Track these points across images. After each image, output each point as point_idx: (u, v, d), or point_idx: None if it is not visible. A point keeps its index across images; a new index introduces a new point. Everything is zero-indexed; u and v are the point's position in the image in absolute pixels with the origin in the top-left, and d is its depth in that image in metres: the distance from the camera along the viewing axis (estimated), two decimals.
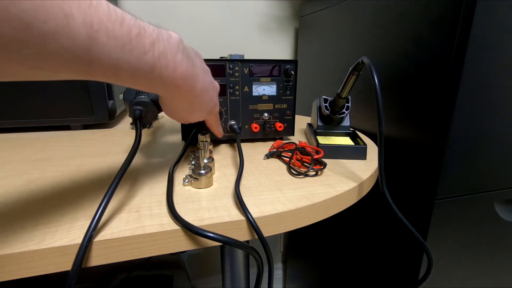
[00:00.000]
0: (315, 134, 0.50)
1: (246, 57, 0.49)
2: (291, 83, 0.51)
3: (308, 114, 0.85)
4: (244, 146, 0.50)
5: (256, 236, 0.28)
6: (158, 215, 0.28)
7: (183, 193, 0.33)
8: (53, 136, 0.56)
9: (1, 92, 0.55)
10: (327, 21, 0.76)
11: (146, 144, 0.52)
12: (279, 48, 1.00)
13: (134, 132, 0.59)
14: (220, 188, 0.34)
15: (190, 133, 0.48)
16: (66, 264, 0.23)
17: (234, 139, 0.52)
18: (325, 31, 0.78)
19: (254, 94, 0.50)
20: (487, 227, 0.53)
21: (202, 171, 0.34)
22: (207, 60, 0.46)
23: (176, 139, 0.55)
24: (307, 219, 0.32)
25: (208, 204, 0.30)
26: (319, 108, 0.52)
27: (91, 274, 1.03)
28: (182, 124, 0.49)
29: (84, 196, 0.31)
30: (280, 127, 0.52)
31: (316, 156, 0.41)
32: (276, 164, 0.42)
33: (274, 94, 0.51)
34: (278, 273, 1.29)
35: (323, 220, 0.33)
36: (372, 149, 0.50)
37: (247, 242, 0.34)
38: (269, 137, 0.54)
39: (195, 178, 0.34)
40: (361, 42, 0.63)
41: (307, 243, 0.98)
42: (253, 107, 0.51)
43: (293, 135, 0.54)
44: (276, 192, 0.33)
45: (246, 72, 0.49)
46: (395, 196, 0.55)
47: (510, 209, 0.53)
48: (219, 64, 0.47)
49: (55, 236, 0.24)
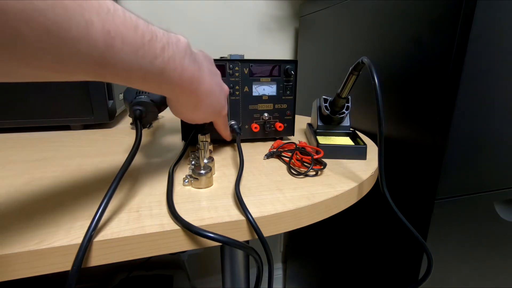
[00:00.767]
0: (315, 134, 0.50)
1: (246, 57, 0.49)
2: (291, 83, 0.51)
3: (308, 114, 0.85)
4: (244, 146, 0.50)
5: (256, 236, 0.28)
6: (158, 215, 0.28)
7: (183, 193, 0.33)
8: (53, 136, 0.56)
9: (1, 92, 0.55)
10: (327, 21, 0.76)
11: (146, 144, 0.52)
12: (279, 48, 1.00)
13: (134, 132, 0.59)
14: (220, 188, 0.34)
15: (190, 133, 0.48)
16: (66, 264, 0.23)
17: (234, 139, 0.52)
18: (325, 31, 0.78)
19: (254, 94, 0.50)
20: (487, 227, 0.53)
21: (202, 171, 0.34)
22: None
23: (176, 139, 0.55)
24: (307, 219, 0.32)
25: (208, 204, 0.30)
26: (319, 108, 0.52)
27: (91, 274, 1.03)
28: (182, 124, 0.49)
29: (84, 196, 0.31)
30: (280, 127, 0.52)
31: (316, 156, 0.41)
32: (276, 164, 0.42)
33: (274, 94, 0.51)
34: (278, 273, 1.29)
35: (323, 220, 0.33)
36: (372, 149, 0.50)
37: (247, 242, 0.34)
38: (269, 137, 0.54)
39: (195, 178, 0.34)
40: (361, 42, 0.63)
41: (307, 243, 0.98)
42: (253, 107, 0.51)
43: (293, 135, 0.54)
44: (276, 192, 0.33)
45: (246, 72, 0.49)
46: (395, 196, 0.55)
47: (510, 209, 0.53)
48: (219, 64, 0.47)
49: (55, 236, 0.24)
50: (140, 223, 0.26)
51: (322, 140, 0.48)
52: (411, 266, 0.53)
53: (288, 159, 0.42)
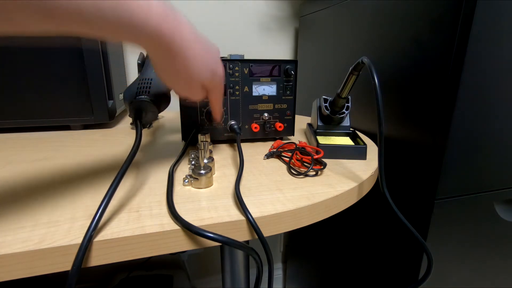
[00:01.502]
0: (315, 134, 0.50)
1: (246, 57, 0.49)
2: (291, 83, 0.51)
3: (308, 114, 0.85)
4: (244, 146, 0.50)
5: (256, 236, 0.28)
6: (158, 215, 0.28)
7: (183, 193, 0.33)
8: (53, 136, 0.56)
9: (1, 92, 0.55)
10: (327, 21, 0.76)
11: (146, 144, 0.52)
12: (279, 48, 1.00)
13: (134, 132, 0.59)
14: (220, 188, 0.34)
15: (190, 133, 0.48)
16: (66, 264, 0.23)
17: (234, 139, 0.52)
18: (325, 31, 0.78)
19: (254, 94, 0.50)
20: (487, 227, 0.53)
21: (202, 171, 0.34)
22: None
23: (176, 139, 0.55)
24: (307, 219, 0.32)
25: (208, 204, 0.30)
26: (319, 108, 0.52)
27: (91, 274, 1.03)
28: (182, 124, 0.49)
29: (84, 196, 0.31)
30: (280, 127, 0.52)
31: (316, 156, 0.41)
32: (276, 164, 0.42)
33: (274, 94, 0.51)
34: (278, 273, 1.29)
35: (323, 220, 0.33)
36: (372, 149, 0.50)
37: (247, 242, 0.34)
38: (269, 137, 0.54)
39: (195, 178, 0.34)
40: (361, 42, 0.63)
41: (307, 243, 0.98)
42: (253, 107, 0.51)
43: (293, 135, 0.54)
44: (276, 192, 0.33)
45: (246, 72, 0.49)
46: (395, 196, 0.55)
47: (510, 209, 0.53)
48: None
49: (55, 236, 0.24)
50: (140, 223, 0.26)
51: (322, 140, 0.48)
52: (411, 266, 0.53)
53: (288, 159, 0.42)
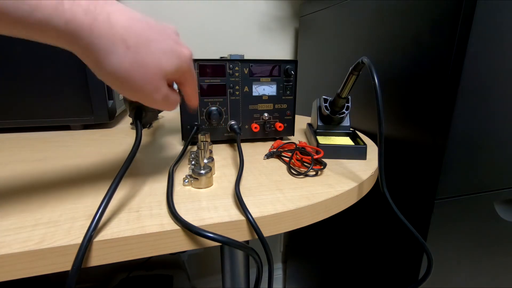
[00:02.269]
0: (315, 134, 0.50)
1: (246, 57, 0.49)
2: (291, 83, 0.51)
3: (308, 114, 0.85)
4: (244, 146, 0.50)
5: (256, 236, 0.28)
6: (158, 215, 0.28)
7: (183, 193, 0.33)
8: (53, 136, 0.56)
9: (1, 92, 0.55)
10: (327, 21, 0.76)
11: (146, 144, 0.52)
12: (279, 48, 1.00)
13: (134, 132, 0.59)
14: (220, 188, 0.34)
15: (190, 133, 0.48)
16: (66, 264, 0.23)
17: (234, 139, 0.52)
18: (325, 31, 0.78)
19: (254, 94, 0.50)
20: (487, 227, 0.53)
21: (202, 171, 0.34)
22: (207, 60, 0.46)
23: (176, 139, 0.55)
24: (307, 219, 0.32)
25: (208, 204, 0.30)
26: (319, 108, 0.52)
27: (91, 274, 1.03)
28: (182, 124, 0.49)
29: (84, 196, 0.31)
30: (280, 127, 0.52)
31: (316, 156, 0.41)
32: (276, 164, 0.42)
33: (274, 94, 0.51)
34: (278, 273, 1.29)
35: (323, 220, 0.33)
36: (372, 149, 0.50)
37: (247, 242, 0.34)
38: (269, 137, 0.54)
39: (195, 178, 0.34)
40: (361, 42, 0.63)
41: (307, 243, 0.98)
42: (253, 107, 0.51)
43: (293, 135, 0.54)
44: (276, 192, 0.33)
45: (246, 72, 0.49)
46: (395, 196, 0.55)
47: (510, 209, 0.53)
48: (219, 64, 0.47)
49: (55, 236, 0.24)
50: (140, 223, 0.26)
51: (322, 140, 0.48)
52: (411, 266, 0.53)
53: (288, 159, 0.42)
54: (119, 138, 0.55)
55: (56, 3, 0.20)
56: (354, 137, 0.50)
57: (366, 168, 0.42)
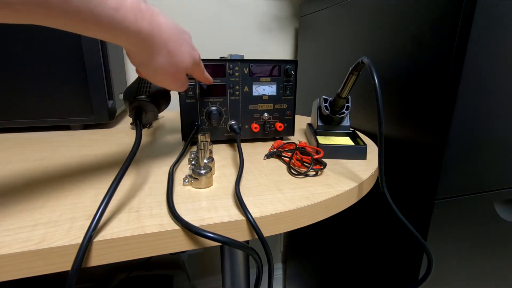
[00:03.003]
0: (315, 134, 0.50)
1: (246, 57, 0.49)
2: (291, 83, 0.51)
3: (308, 114, 0.85)
4: (244, 146, 0.50)
5: (256, 236, 0.28)
6: (158, 215, 0.28)
7: (183, 193, 0.33)
8: (53, 136, 0.56)
9: (1, 92, 0.55)
10: (327, 21, 0.76)
11: (146, 144, 0.52)
12: (279, 48, 1.00)
13: (134, 132, 0.59)
14: (220, 188, 0.34)
15: (190, 133, 0.48)
16: (66, 264, 0.23)
17: (234, 139, 0.52)
18: (325, 31, 0.78)
19: (254, 94, 0.50)
20: (487, 227, 0.53)
21: (202, 171, 0.34)
22: (207, 60, 0.46)
23: (176, 139, 0.55)
24: (307, 219, 0.32)
25: (208, 204, 0.30)
26: (319, 108, 0.52)
27: (91, 274, 1.03)
28: (182, 124, 0.49)
29: (84, 196, 0.31)
30: (280, 127, 0.52)
31: (316, 156, 0.41)
32: (276, 164, 0.42)
33: (274, 94, 0.51)
34: (278, 273, 1.29)
35: (323, 220, 0.33)
36: (372, 149, 0.50)
37: (247, 242, 0.34)
38: (269, 137, 0.54)
39: (195, 178, 0.34)
40: (361, 42, 0.63)
41: (307, 243, 0.98)
42: (253, 107, 0.51)
43: (293, 135, 0.54)
44: (276, 192, 0.33)
45: (246, 72, 0.49)
46: (395, 196, 0.55)
47: (510, 209, 0.53)
48: (219, 64, 0.47)
49: (55, 236, 0.24)
50: (140, 223, 0.26)
51: (322, 140, 0.48)
52: (411, 266, 0.53)
53: (288, 159, 0.42)
54: (119, 138, 0.55)
55: (134, 15, 0.25)
56: (354, 137, 0.50)
57: (366, 168, 0.42)
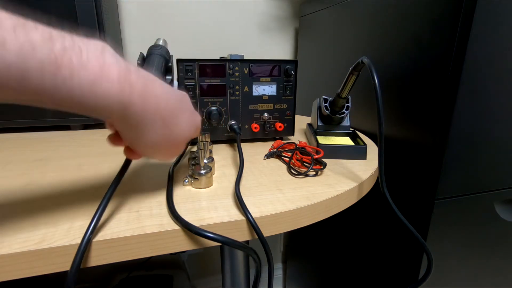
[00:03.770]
0: (315, 134, 0.50)
1: (246, 57, 0.49)
2: (291, 83, 0.51)
3: (308, 114, 0.85)
4: (244, 146, 0.50)
5: (256, 236, 0.28)
6: (158, 215, 0.28)
7: (183, 193, 0.33)
8: (53, 136, 0.56)
9: None
10: (327, 21, 0.76)
11: None
12: (279, 48, 1.00)
13: None
14: (220, 188, 0.34)
15: None
16: (65, 264, 0.23)
17: (234, 139, 0.52)
18: (325, 31, 0.78)
19: (254, 94, 0.50)
20: (487, 227, 0.53)
21: (202, 171, 0.34)
22: (207, 60, 0.46)
23: None
24: (307, 219, 0.32)
25: (208, 204, 0.30)
26: (319, 108, 0.52)
27: (91, 274, 1.03)
28: None
29: (84, 196, 0.31)
30: (280, 127, 0.52)
31: (316, 156, 0.41)
32: (276, 164, 0.42)
33: (274, 94, 0.51)
34: (278, 273, 1.29)
35: (323, 220, 0.33)
36: (372, 149, 0.50)
37: (247, 242, 0.34)
38: (269, 137, 0.54)
39: (195, 178, 0.34)
40: (361, 42, 0.63)
41: (307, 243, 0.98)
42: (253, 107, 0.51)
43: (293, 135, 0.54)
44: (276, 192, 0.33)
45: (246, 72, 0.49)
46: (395, 196, 0.55)
47: (510, 209, 0.53)
48: (219, 64, 0.47)
49: (55, 236, 0.24)
50: (140, 223, 0.26)
51: (322, 140, 0.48)
52: (411, 266, 0.53)
53: (288, 159, 0.42)
54: None
55: (119, 89, 0.21)
56: (354, 137, 0.50)
57: (366, 168, 0.42)
